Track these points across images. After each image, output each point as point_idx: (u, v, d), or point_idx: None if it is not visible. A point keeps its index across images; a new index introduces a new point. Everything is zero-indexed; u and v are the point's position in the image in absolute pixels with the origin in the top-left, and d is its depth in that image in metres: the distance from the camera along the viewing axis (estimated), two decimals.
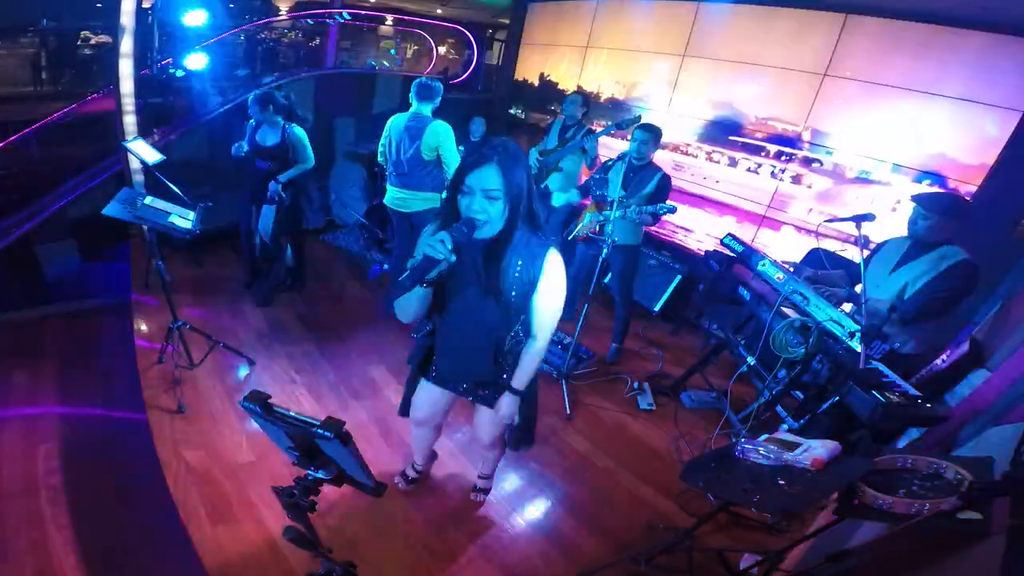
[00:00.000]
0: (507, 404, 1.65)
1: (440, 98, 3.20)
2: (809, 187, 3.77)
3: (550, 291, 1.46)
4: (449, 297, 1.51)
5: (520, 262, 1.41)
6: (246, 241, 3.67)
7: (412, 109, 3.18)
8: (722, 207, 4.28)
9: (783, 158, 3.89)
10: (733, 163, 4.18)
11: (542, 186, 4.01)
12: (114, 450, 2.50)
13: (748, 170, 4.10)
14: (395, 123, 3.23)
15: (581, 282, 3.32)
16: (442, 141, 3.11)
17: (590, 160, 3.88)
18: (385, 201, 3.40)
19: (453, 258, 1.25)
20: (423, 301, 1.46)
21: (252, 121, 3.34)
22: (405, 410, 1.96)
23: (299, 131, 3.33)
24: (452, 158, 3.14)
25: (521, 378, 1.61)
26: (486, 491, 2.29)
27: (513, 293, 1.44)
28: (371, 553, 1.97)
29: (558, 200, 3.29)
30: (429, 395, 1.85)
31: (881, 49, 3.39)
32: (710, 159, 4.32)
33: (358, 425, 2.61)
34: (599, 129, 4.01)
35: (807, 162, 3.77)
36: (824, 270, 2.60)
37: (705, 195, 4.37)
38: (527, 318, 1.52)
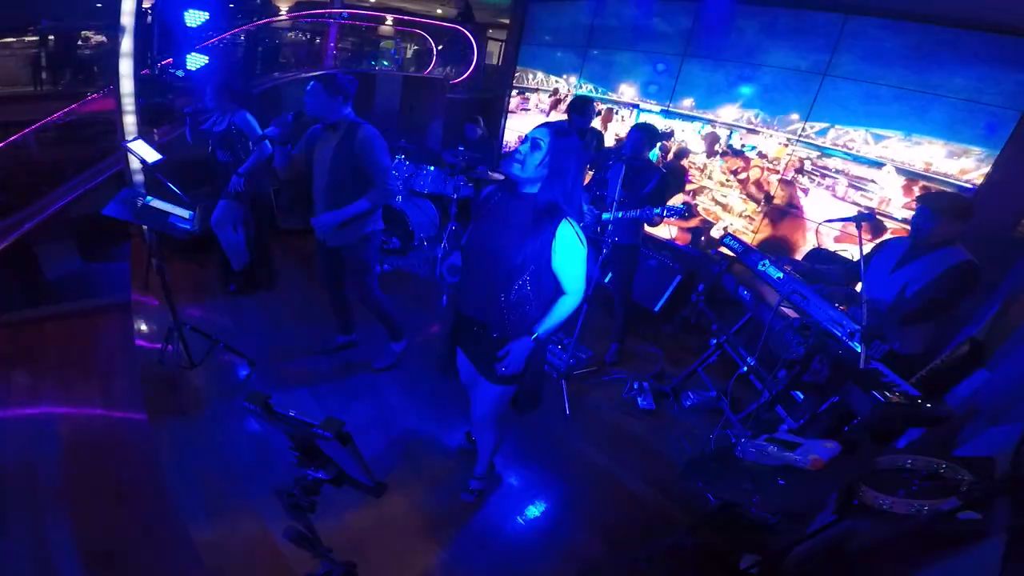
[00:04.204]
0: (517, 348, 1.72)
1: None
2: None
3: (564, 252, 1.64)
4: (481, 232, 1.74)
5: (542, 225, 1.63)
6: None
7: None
8: None
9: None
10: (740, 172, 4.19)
11: None
12: (114, 450, 2.50)
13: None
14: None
15: None
16: None
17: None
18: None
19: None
20: None
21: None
22: (442, 367, 2.07)
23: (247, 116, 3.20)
24: None
25: (545, 325, 1.72)
26: (478, 491, 2.27)
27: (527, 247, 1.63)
28: (371, 553, 1.97)
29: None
30: (464, 359, 1.97)
31: (881, 49, 3.40)
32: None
33: (358, 425, 2.61)
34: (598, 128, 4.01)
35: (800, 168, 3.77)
36: (822, 265, 2.60)
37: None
38: (538, 277, 1.68)
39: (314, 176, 2.61)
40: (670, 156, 4.59)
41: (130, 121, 3.74)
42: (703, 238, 4.46)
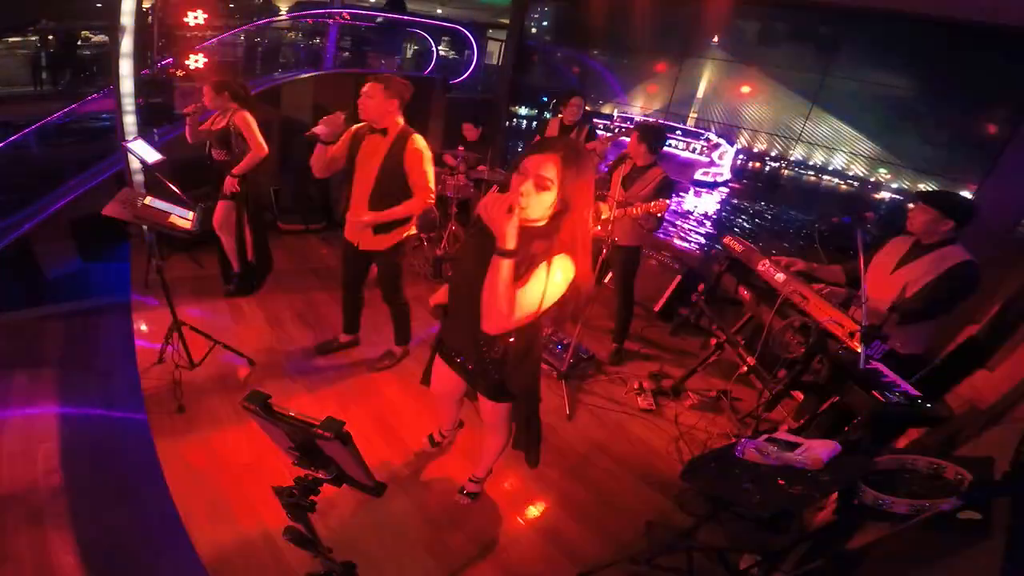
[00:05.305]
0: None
1: None
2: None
3: (547, 276, 1.35)
4: (466, 275, 1.52)
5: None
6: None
7: None
8: None
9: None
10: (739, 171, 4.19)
11: None
12: (114, 450, 2.50)
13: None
14: None
15: None
16: None
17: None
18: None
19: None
20: None
21: None
22: (425, 380, 2.04)
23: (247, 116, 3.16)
24: None
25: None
26: (473, 495, 2.27)
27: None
28: (371, 553, 1.97)
29: None
30: (440, 369, 1.91)
31: (879, 48, 3.40)
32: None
33: (358, 425, 2.61)
34: (601, 130, 4.01)
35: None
36: (822, 265, 2.60)
37: None
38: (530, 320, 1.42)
39: (355, 178, 2.56)
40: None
41: (130, 121, 3.74)
42: (704, 238, 4.46)
